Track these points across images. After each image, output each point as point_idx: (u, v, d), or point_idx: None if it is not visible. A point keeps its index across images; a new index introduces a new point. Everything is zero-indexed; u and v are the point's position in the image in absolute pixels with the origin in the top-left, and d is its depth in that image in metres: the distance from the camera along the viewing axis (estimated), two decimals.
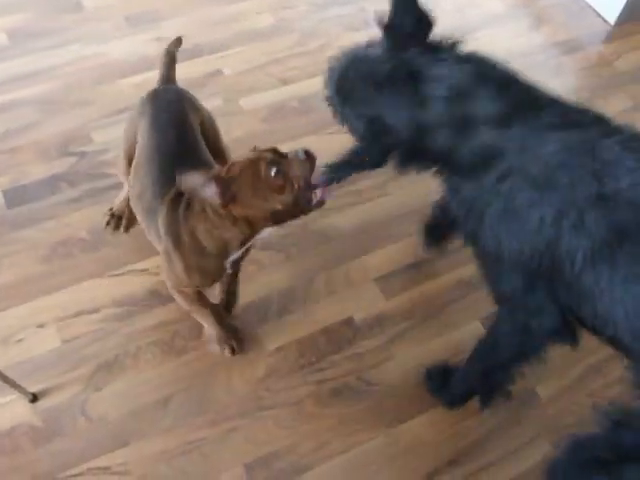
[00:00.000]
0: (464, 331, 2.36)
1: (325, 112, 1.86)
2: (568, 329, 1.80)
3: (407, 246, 2.54)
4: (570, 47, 3.33)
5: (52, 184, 2.63)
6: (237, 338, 2.27)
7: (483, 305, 2.38)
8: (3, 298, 2.35)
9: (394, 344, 2.32)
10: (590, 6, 3.52)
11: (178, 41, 2.30)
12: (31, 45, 3.10)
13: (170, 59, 2.26)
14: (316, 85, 2.98)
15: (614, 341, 1.67)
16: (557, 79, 3.15)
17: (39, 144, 2.74)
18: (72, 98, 2.91)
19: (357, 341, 2.32)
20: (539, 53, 3.27)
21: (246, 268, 2.40)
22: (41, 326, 2.30)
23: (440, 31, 1.70)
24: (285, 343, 2.30)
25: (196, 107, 2.20)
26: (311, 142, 2.79)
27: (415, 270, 2.49)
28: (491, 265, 1.81)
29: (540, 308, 1.76)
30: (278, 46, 3.21)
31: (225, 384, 2.21)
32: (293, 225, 2.46)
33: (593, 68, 3.24)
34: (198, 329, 2.29)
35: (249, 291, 2.40)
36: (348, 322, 2.35)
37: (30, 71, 3.00)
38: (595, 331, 1.71)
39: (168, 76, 2.23)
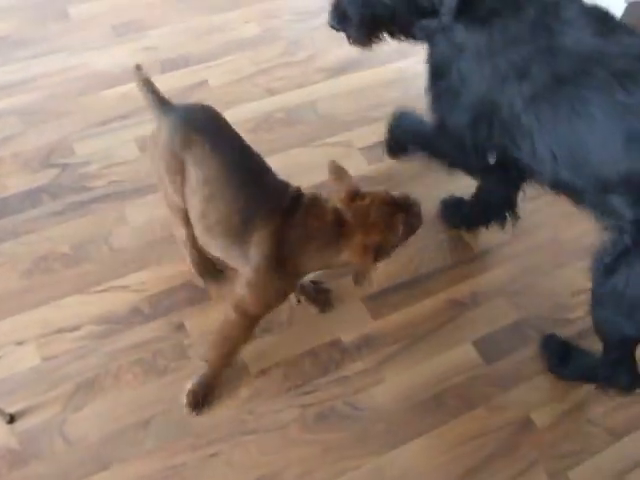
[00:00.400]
0: (456, 353, 2.30)
1: (312, 124, 1.82)
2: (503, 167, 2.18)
3: (397, 264, 2.47)
4: None
5: (33, 197, 2.56)
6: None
7: (475, 326, 2.36)
8: None
9: (383, 367, 2.25)
10: None
11: (138, 67, 2.14)
12: (15, 54, 3.04)
13: (150, 83, 2.11)
14: (303, 96, 2.94)
15: (554, 180, 1.95)
16: None
17: (21, 155, 2.68)
18: (55, 108, 2.85)
19: (344, 363, 2.25)
20: None
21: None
22: (20, 343, 2.23)
23: None
24: (269, 365, 2.23)
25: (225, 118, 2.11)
26: (298, 154, 2.75)
27: (405, 289, 2.43)
28: (449, 100, 2.07)
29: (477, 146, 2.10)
30: (264, 56, 3.15)
31: (207, 406, 2.15)
32: None
33: None
34: (181, 349, 2.23)
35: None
36: (335, 343, 2.28)
37: (13, 80, 2.94)
38: (532, 171, 2.03)
39: (162, 98, 2.10)
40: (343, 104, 2.95)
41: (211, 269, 2.35)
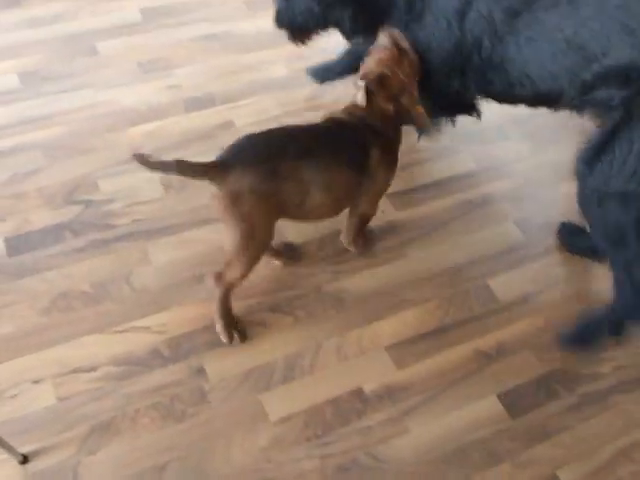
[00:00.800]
0: (481, 406, 2.23)
1: None
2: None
3: (422, 313, 2.42)
4: None
5: (56, 233, 2.52)
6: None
7: (501, 379, 2.28)
8: (0, 350, 2.23)
9: (406, 417, 2.18)
10: None
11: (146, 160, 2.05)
12: (42, 88, 3.02)
13: (183, 165, 1.93)
14: None
15: (535, 96, 2.20)
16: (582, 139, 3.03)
17: (44, 190, 2.64)
18: (81, 144, 2.81)
19: (367, 413, 2.18)
20: (561, 114, 3.16)
21: (251, 330, 2.30)
22: (37, 382, 2.18)
23: None
24: (289, 412, 2.17)
25: None
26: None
27: (430, 339, 2.36)
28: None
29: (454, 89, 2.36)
30: (291, 98, 3.11)
31: (224, 454, 2.08)
32: (303, 287, 2.38)
33: None
34: (200, 393, 2.17)
35: (252, 355, 2.28)
36: (357, 393, 2.22)
37: (40, 115, 2.91)
38: (509, 96, 2.29)
39: (203, 166, 1.96)
40: None
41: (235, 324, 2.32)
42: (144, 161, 1.86)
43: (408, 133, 2.69)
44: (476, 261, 2.58)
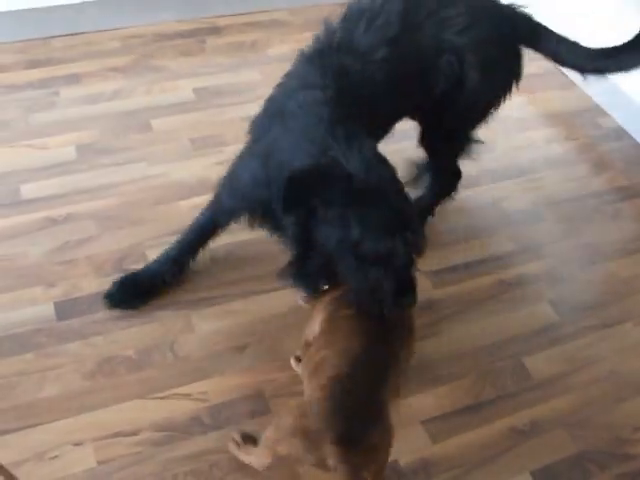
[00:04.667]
0: None
1: None
2: None
3: (457, 389, 2.34)
4: (630, 193, 3.17)
5: (104, 299, 2.47)
6: None
7: (534, 456, 2.19)
8: (44, 412, 2.17)
9: None
10: None
11: None
12: (98, 161, 3.00)
13: None
14: None
15: None
16: (615, 224, 2.99)
17: (94, 258, 2.61)
18: (132, 215, 2.78)
19: None
20: (595, 197, 3.11)
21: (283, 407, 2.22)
22: (78, 444, 2.11)
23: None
24: None
25: None
26: None
27: (465, 415, 2.28)
28: None
29: None
30: None
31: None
32: None
33: None
34: (237, 462, 2.08)
35: None
36: (392, 466, 2.11)
37: (95, 185, 2.89)
38: None
39: None
40: None
41: None
42: None
43: (450, 212, 2.64)
44: (511, 339, 2.51)
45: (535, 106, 3.58)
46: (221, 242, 2.56)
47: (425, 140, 2.54)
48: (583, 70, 2.41)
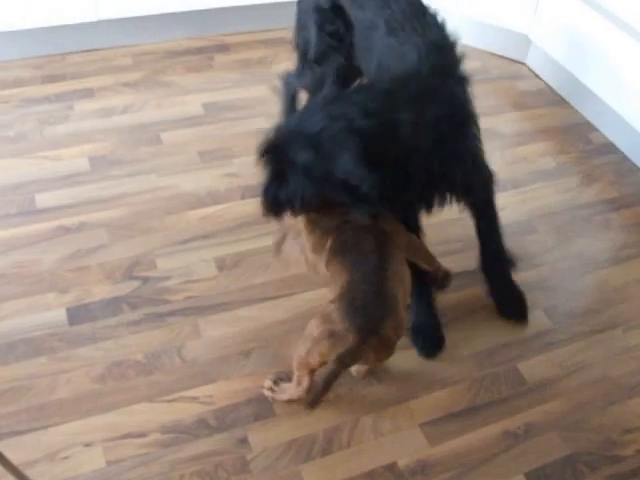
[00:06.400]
0: None
1: None
2: None
3: (454, 393, 2.32)
4: (619, 204, 3.16)
5: (114, 305, 2.47)
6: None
7: (528, 459, 2.17)
8: (56, 414, 2.16)
9: None
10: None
11: None
12: (110, 172, 2.99)
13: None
14: None
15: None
16: (606, 233, 2.97)
17: (106, 265, 2.60)
18: (142, 224, 2.77)
19: None
20: (587, 208, 3.09)
21: (292, 404, 2.20)
22: (88, 445, 2.09)
23: None
24: None
25: None
26: None
27: (461, 418, 2.26)
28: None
29: None
30: None
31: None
32: None
33: None
34: (242, 463, 2.07)
35: (294, 427, 2.18)
36: (391, 467, 2.10)
37: (106, 196, 2.88)
38: None
39: None
40: None
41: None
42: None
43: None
44: (506, 345, 2.49)
45: (529, 122, 3.57)
46: (228, 251, 2.56)
47: None
48: None
